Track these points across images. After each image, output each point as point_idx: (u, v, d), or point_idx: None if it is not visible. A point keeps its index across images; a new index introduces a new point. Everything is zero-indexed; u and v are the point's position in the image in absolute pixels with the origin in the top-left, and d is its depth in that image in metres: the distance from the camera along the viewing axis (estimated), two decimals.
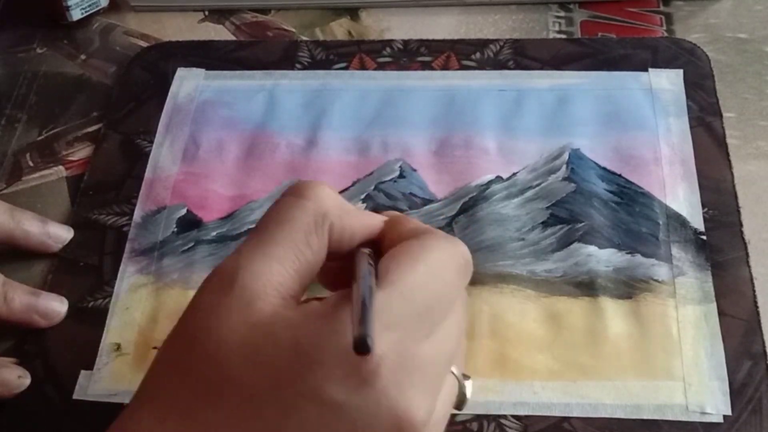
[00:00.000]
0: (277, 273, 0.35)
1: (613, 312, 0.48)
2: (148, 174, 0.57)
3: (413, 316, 0.34)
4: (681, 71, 0.59)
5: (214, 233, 0.54)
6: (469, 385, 0.39)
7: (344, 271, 0.37)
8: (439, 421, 0.36)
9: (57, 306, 0.50)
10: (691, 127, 0.56)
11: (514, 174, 0.55)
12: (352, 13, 0.66)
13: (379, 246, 0.39)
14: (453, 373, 0.38)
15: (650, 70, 0.59)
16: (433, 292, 0.35)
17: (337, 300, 0.34)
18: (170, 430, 0.34)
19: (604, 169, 0.54)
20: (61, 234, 0.54)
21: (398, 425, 0.33)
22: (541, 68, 0.60)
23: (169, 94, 0.61)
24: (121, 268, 0.52)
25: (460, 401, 0.39)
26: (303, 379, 0.33)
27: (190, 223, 0.54)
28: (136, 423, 0.35)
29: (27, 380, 0.48)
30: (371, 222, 0.39)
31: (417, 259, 0.35)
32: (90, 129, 0.60)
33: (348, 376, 0.32)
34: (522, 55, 0.61)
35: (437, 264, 0.36)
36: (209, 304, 0.35)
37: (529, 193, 0.54)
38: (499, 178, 0.54)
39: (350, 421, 0.32)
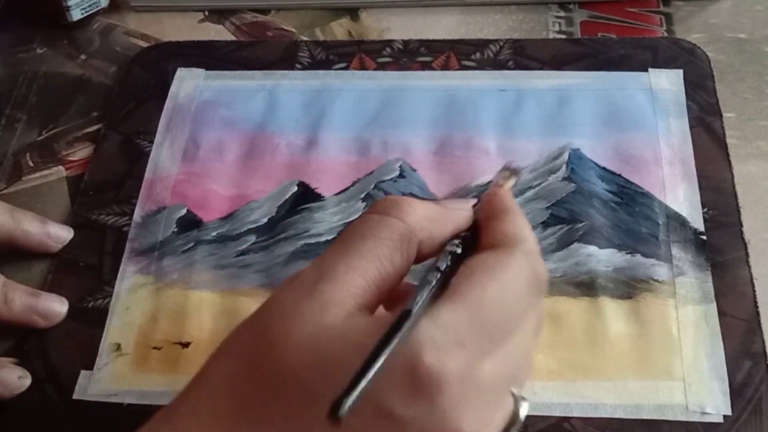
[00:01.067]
0: (358, 285, 0.35)
1: (613, 312, 0.48)
2: (148, 174, 0.57)
3: (481, 333, 0.34)
4: (681, 71, 0.59)
5: (214, 233, 0.54)
6: (524, 407, 0.39)
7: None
8: None
9: (57, 306, 0.50)
10: (691, 127, 0.56)
11: None
12: (352, 13, 0.66)
13: (478, 224, 0.39)
14: (512, 393, 0.37)
15: (650, 70, 0.59)
16: (502, 311, 0.35)
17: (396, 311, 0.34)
18: (223, 414, 0.34)
19: (604, 169, 0.54)
20: (61, 234, 0.54)
21: None
22: (541, 68, 0.60)
23: (169, 94, 0.61)
24: (121, 268, 0.52)
25: (512, 422, 0.39)
26: None
27: (190, 223, 0.54)
28: (191, 405, 0.35)
29: (27, 380, 0.48)
30: (460, 218, 0.39)
31: (490, 275, 0.35)
32: (90, 129, 0.60)
33: (410, 390, 0.32)
34: (522, 55, 0.61)
35: (510, 283, 0.35)
36: (286, 302, 0.35)
37: (529, 193, 0.54)
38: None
39: None
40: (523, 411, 0.39)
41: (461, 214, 0.40)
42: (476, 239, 0.39)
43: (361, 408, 0.32)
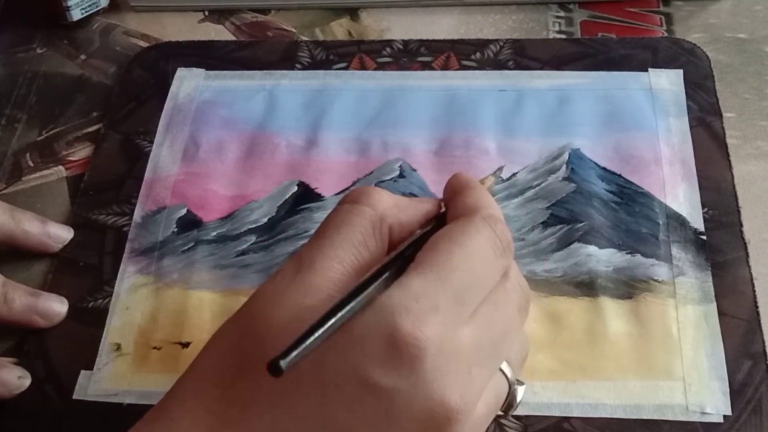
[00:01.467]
0: (337, 270, 0.36)
1: (613, 312, 0.48)
2: (148, 174, 0.57)
3: (453, 297, 0.35)
4: (681, 71, 0.59)
5: (214, 233, 0.54)
6: (521, 390, 0.39)
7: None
8: (480, 419, 0.36)
9: (57, 306, 0.50)
10: (691, 127, 0.56)
11: (514, 174, 0.55)
12: (352, 13, 0.66)
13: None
14: (504, 373, 0.38)
15: (650, 70, 0.59)
16: (470, 274, 0.36)
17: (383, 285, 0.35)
18: (210, 399, 0.35)
19: (604, 169, 0.54)
20: (61, 234, 0.54)
21: (431, 411, 0.33)
22: (541, 68, 0.60)
23: (169, 94, 0.61)
24: (121, 268, 0.52)
25: (509, 405, 0.39)
26: (346, 357, 0.33)
27: (190, 223, 0.54)
28: (178, 395, 0.36)
29: (27, 380, 0.48)
30: (426, 208, 0.41)
31: (453, 242, 0.36)
32: (90, 129, 0.60)
33: (391, 359, 0.33)
34: (522, 55, 0.61)
35: (473, 246, 0.36)
36: (268, 293, 0.36)
37: (529, 193, 0.54)
38: (499, 179, 0.54)
39: (387, 404, 0.33)
40: (520, 394, 0.39)
41: (429, 202, 0.41)
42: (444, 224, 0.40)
43: (342, 381, 0.33)
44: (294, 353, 0.31)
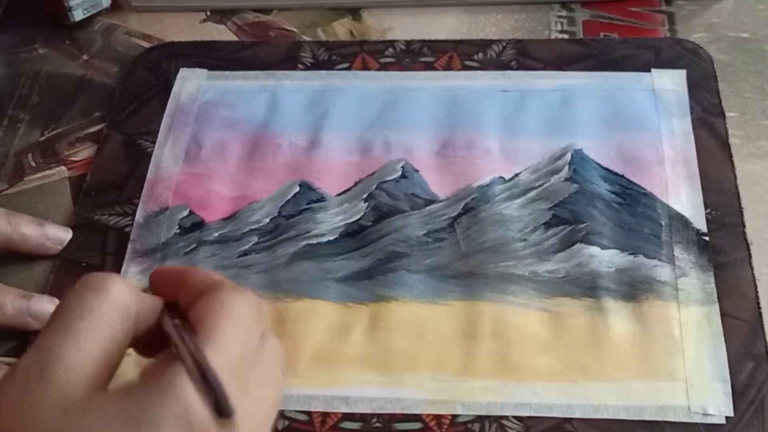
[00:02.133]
0: (88, 364, 0.33)
1: (616, 313, 0.48)
2: (150, 174, 0.57)
3: (231, 370, 0.33)
4: (684, 72, 0.59)
5: (216, 234, 0.54)
6: None
7: (151, 338, 0.37)
8: None
9: (49, 307, 0.50)
10: (694, 128, 0.56)
11: (517, 175, 0.55)
12: (354, 12, 0.66)
13: (178, 302, 0.38)
14: None
15: (653, 70, 0.59)
16: (242, 343, 0.34)
17: (162, 366, 0.33)
18: None
19: (607, 169, 0.54)
20: (59, 235, 0.54)
21: None
22: (544, 69, 0.60)
23: (172, 94, 0.61)
24: (123, 269, 0.52)
25: None
26: None
27: (192, 224, 0.54)
28: None
29: None
30: (157, 301, 0.37)
31: (222, 313, 0.34)
32: (92, 129, 0.60)
33: None
34: (525, 55, 0.61)
35: (241, 314, 0.35)
36: (18, 399, 0.32)
37: (531, 194, 0.54)
38: (501, 179, 0.54)
39: None
40: None
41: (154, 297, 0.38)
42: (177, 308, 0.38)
43: None
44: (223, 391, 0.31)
